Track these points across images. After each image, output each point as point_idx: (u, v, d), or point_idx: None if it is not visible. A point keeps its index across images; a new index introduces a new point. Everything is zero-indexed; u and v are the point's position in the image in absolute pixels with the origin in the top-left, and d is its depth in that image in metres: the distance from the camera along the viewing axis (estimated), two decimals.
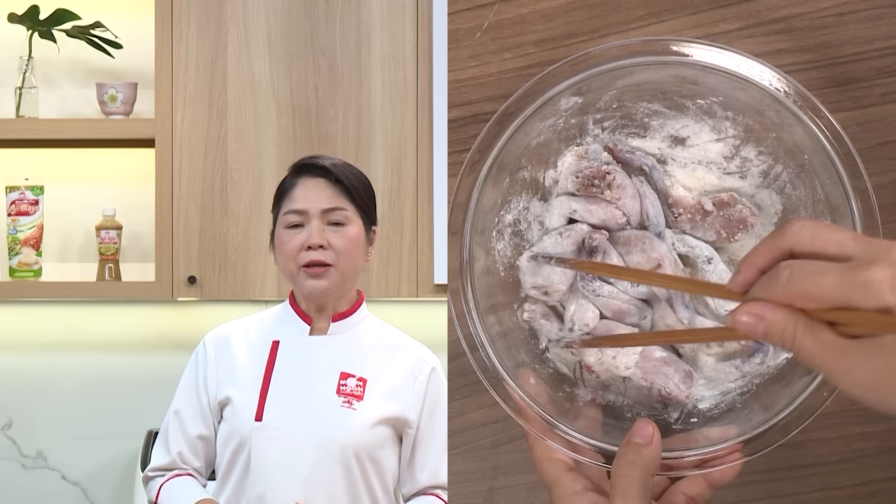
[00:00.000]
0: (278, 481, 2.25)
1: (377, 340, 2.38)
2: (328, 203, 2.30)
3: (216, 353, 2.35)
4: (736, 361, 0.91)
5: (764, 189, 0.91)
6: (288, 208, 2.31)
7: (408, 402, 2.31)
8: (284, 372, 2.30)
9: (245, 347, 2.35)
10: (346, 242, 2.30)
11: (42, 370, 3.40)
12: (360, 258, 2.34)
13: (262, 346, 2.34)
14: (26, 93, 3.20)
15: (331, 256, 2.28)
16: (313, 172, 2.32)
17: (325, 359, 2.32)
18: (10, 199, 3.20)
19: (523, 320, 0.92)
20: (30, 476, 3.42)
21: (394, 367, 2.34)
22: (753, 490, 0.99)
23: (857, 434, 0.98)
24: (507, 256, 0.93)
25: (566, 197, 0.91)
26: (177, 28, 3.15)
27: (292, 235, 2.30)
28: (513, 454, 1.02)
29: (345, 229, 2.30)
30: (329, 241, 2.28)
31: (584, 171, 0.90)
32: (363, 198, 2.34)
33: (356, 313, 2.38)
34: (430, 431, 2.34)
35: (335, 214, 2.30)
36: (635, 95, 0.92)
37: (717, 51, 0.88)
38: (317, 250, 2.28)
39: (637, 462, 0.84)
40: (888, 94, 0.97)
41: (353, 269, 2.34)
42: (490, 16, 1.01)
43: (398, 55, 3.15)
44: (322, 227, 2.29)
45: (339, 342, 2.34)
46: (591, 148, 0.92)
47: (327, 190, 2.31)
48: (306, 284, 2.29)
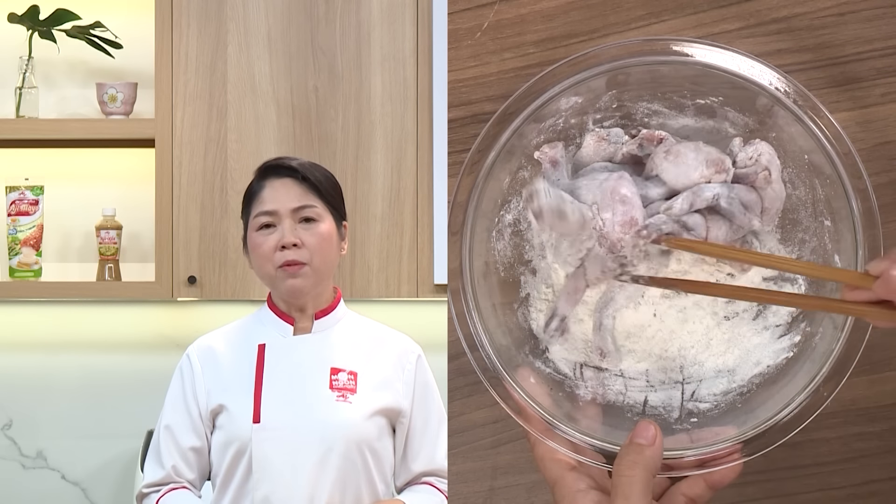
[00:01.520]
0: (283, 481, 2.25)
1: (361, 334, 2.40)
2: (297, 201, 2.32)
3: (202, 364, 2.35)
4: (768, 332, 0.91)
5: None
6: (258, 210, 2.33)
7: (399, 390, 2.33)
8: (275, 372, 2.30)
9: (230, 354, 2.35)
10: (318, 239, 2.31)
11: (42, 370, 3.40)
12: (333, 253, 2.36)
13: (247, 350, 2.35)
14: (26, 93, 3.20)
15: (305, 255, 2.30)
16: (280, 173, 2.34)
17: (313, 356, 2.33)
18: (10, 199, 3.19)
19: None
20: (30, 476, 3.42)
21: (381, 359, 2.36)
22: (753, 490, 0.99)
23: (856, 434, 0.98)
24: (507, 256, 0.94)
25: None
26: (177, 28, 3.15)
27: (265, 237, 2.31)
28: (513, 454, 1.02)
29: (316, 225, 2.32)
30: (302, 239, 2.30)
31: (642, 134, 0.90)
32: (331, 194, 2.36)
33: (337, 309, 2.40)
34: (423, 419, 2.35)
35: (305, 212, 2.32)
36: (635, 95, 0.92)
37: (718, 51, 0.88)
38: (291, 249, 2.29)
39: (639, 462, 0.84)
40: (888, 94, 0.97)
41: (328, 265, 2.36)
42: (490, 16, 1.01)
43: (398, 55, 3.15)
44: (294, 226, 2.30)
45: (324, 338, 2.36)
46: (613, 131, 0.92)
47: (295, 189, 2.32)
48: (285, 284, 2.31)
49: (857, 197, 0.85)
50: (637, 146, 0.91)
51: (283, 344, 2.34)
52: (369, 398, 2.30)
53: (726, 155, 0.89)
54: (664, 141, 0.90)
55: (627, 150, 0.91)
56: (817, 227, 0.89)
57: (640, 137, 0.91)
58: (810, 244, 0.90)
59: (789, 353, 0.90)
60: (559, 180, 0.91)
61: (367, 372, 2.33)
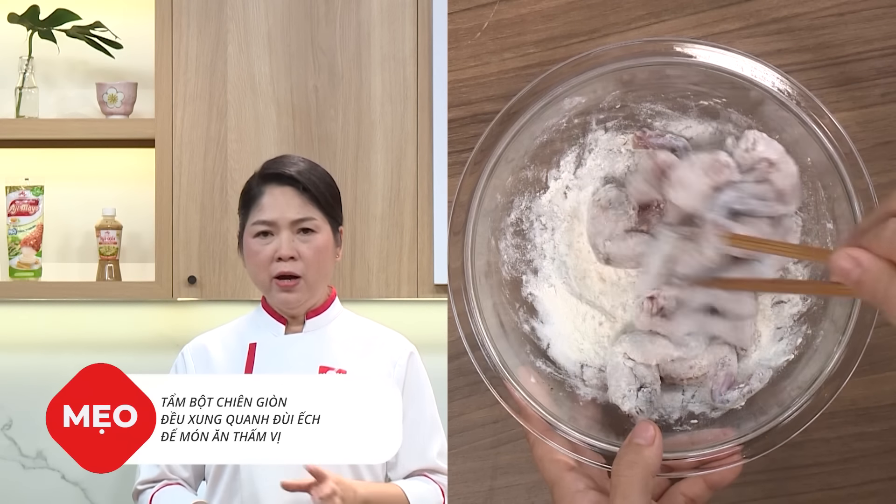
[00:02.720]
0: (270, 478, 2.25)
1: (353, 333, 2.41)
2: (297, 213, 2.33)
3: (195, 363, 2.38)
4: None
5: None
6: (256, 218, 2.34)
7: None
8: (264, 371, 2.31)
9: (223, 353, 2.37)
10: (315, 253, 2.33)
11: (42, 370, 3.40)
12: (329, 264, 2.39)
13: (239, 349, 2.36)
14: (26, 93, 3.20)
15: (300, 267, 2.32)
16: (281, 181, 2.34)
17: (302, 354, 2.34)
18: (10, 199, 3.20)
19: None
20: (30, 476, 3.42)
21: (372, 357, 2.37)
22: (753, 490, 0.99)
23: (856, 434, 0.98)
24: (509, 256, 0.93)
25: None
26: (177, 28, 3.15)
27: (262, 245, 2.32)
28: (513, 454, 1.02)
29: (314, 238, 2.33)
30: (299, 252, 2.31)
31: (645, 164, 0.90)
32: (330, 202, 2.37)
33: (330, 309, 2.41)
34: (414, 416, 2.36)
35: (304, 223, 2.33)
36: (638, 96, 0.92)
37: (720, 52, 0.88)
38: (287, 261, 2.30)
39: (638, 462, 0.84)
40: (888, 94, 0.97)
41: (323, 276, 2.40)
42: (490, 16, 1.01)
43: (398, 55, 3.15)
44: (291, 238, 2.32)
45: (314, 337, 2.37)
46: (613, 200, 0.92)
47: (296, 199, 2.33)
48: (278, 297, 2.34)
49: (858, 196, 0.85)
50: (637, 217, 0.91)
51: (274, 343, 2.36)
52: None
53: (721, 151, 0.89)
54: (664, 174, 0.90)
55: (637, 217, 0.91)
56: (819, 229, 0.89)
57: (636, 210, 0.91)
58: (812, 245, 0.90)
59: (790, 356, 0.90)
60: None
61: (356, 370, 2.33)
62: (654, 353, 0.89)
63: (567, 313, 0.94)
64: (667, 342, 0.89)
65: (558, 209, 0.94)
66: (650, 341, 0.90)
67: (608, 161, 0.94)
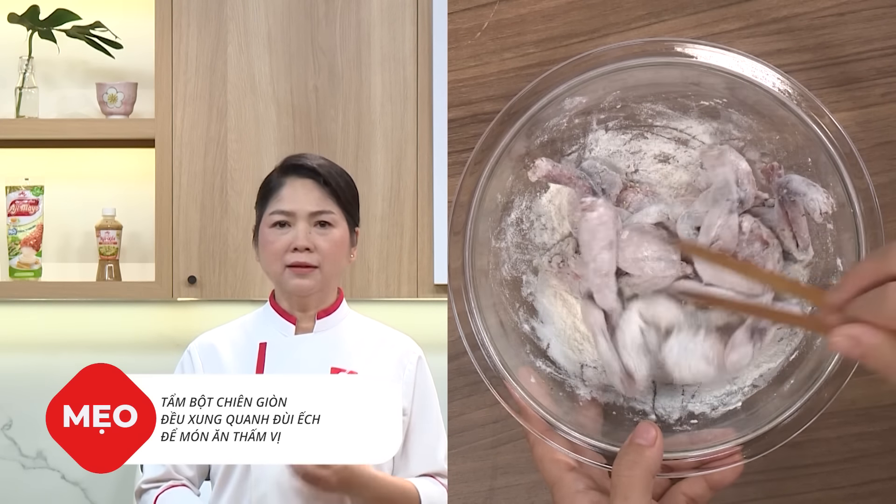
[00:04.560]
0: (281, 480, 2.25)
1: (362, 335, 2.40)
2: (316, 206, 2.32)
3: (203, 361, 2.35)
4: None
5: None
6: (275, 208, 2.33)
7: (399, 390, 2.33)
8: (275, 371, 2.31)
9: (231, 352, 2.36)
10: (331, 245, 2.32)
11: (42, 370, 3.40)
12: (343, 259, 2.37)
13: (248, 348, 2.35)
14: (26, 93, 3.20)
15: (316, 259, 2.31)
16: (301, 173, 2.34)
17: (314, 355, 2.33)
18: (10, 199, 3.19)
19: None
20: (30, 476, 3.42)
21: (382, 359, 2.36)
22: (753, 490, 0.99)
23: (857, 434, 0.98)
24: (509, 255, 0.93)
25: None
26: (177, 28, 3.15)
27: (278, 235, 2.32)
28: (513, 454, 1.02)
29: (331, 231, 2.33)
30: (315, 244, 2.30)
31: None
32: (349, 199, 2.37)
33: (339, 309, 2.41)
34: (422, 419, 2.36)
35: (322, 216, 2.32)
36: (639, 96, 0.92)
37: (720, 52, 0.88)
38: (303, 252, 2.30)
39: (639, 463, 0.84)
40: (888, 94, 0.97)
41: (337, 271, 2.38)
42: (490, 16, 1.01)
43: (398, 55, 3.15)
44: (309, 230, 2.31)
45: (325, 338, 2.36)
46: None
47: (315, 192, 2.33)
48: (291, 283, 2.32)
49: (858, 196, 0.86)
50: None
51: (285, 343, 2.34)
52: None
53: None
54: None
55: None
56: (819, 228, 0.89)
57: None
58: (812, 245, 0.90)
59: (791, 356, 0.90)
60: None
61: (367, 372, 2.33)
62: (665, 317, 0.89)
63: (567, 313, 0.94)
64: (678, 310, 0.90)
65: (558, 209, 0.94)
66: (664, 305, 0.90)
67: (609, 161, 0.94)
